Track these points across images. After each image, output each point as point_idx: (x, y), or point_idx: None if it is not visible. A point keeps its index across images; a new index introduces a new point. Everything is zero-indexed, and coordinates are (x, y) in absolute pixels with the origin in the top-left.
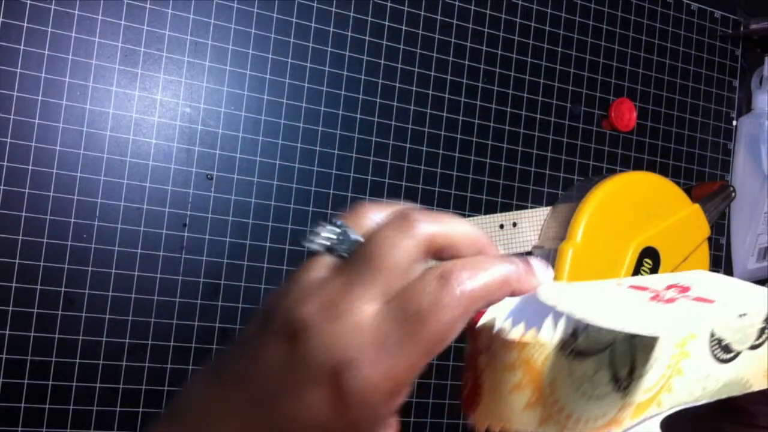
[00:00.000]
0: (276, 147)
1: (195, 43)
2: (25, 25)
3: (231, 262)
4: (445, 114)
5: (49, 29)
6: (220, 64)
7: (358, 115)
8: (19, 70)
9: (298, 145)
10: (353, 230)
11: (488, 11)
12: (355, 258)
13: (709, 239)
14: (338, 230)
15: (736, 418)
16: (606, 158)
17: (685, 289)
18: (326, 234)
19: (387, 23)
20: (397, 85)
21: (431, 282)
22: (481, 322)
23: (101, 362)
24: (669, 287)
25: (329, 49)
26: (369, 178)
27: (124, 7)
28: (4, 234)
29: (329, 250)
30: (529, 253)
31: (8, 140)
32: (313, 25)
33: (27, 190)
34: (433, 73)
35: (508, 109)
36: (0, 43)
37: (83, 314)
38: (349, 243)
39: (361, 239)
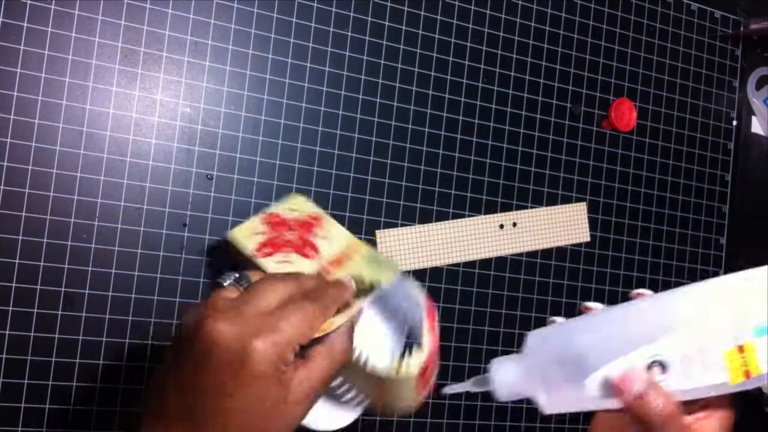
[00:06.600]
0: (276, 147)
1: (195, 43)
2: (25, 25)
3: None
4: (445, 114)
5: (49, 29)
6: (220, 64)
7: (358, 115)
8: (19, 70)
9: (298, 145)
10: (252, 277)
11: (488, 11)
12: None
13: (708, 238)
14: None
15: None
16: (606, 158)
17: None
18: (233, 277)
19: (387, 23)
20: (397, 85)
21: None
22: None
23: (101, 362)
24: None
25: (329, 49)
26: (369, 178)
27: (124, 7)
28: (4, 234)
29: (237, 282)
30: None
31: (8, 140)
32: (313, 25)
33: (27, 190)
34: (433, 73)
35: (508, 109)
36: (0, 43)
37: (83, 314)
38: (248, 282)
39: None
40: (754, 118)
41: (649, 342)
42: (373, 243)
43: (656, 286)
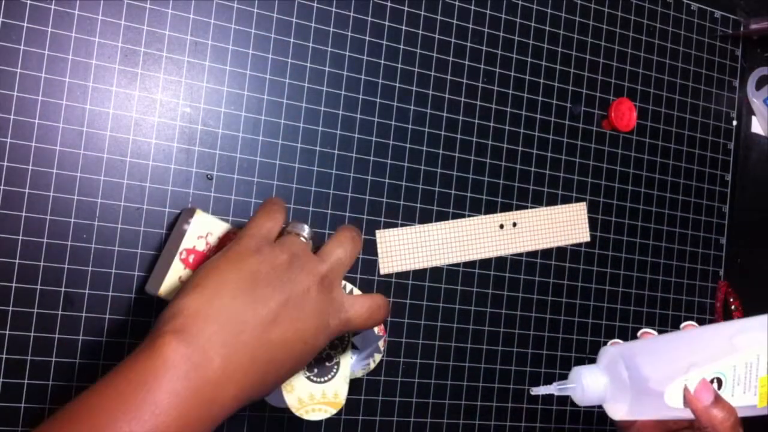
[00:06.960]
0: (276, 147)
1: (195, 43)
2: (25, 25)
3: None
4: (445, 114)
5: (49, 29)
6: (220, 64)
7: (358, 115)
8: (19, 70)
9: (298, 145)
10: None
11: (488, 11)
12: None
13: (709, 238)
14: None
15: None
16: (606, 158)
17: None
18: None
19: (387, 23)
20: (397, 85)
21: None
22: None
23: (101, 362)
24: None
25: (329, 49)
26: (369, 178)
27: (124, 7)
28: (4, 234)
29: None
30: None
31: (8, 140)
32: (313, 25)
33: (27, 190)
34: (433, 73)
35: (508, 109)
36: (0, 43)
37: (83, 314)
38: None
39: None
40: (754, 118)
41: (711, 361)
42: (373, 243)
43: (656, 287)
